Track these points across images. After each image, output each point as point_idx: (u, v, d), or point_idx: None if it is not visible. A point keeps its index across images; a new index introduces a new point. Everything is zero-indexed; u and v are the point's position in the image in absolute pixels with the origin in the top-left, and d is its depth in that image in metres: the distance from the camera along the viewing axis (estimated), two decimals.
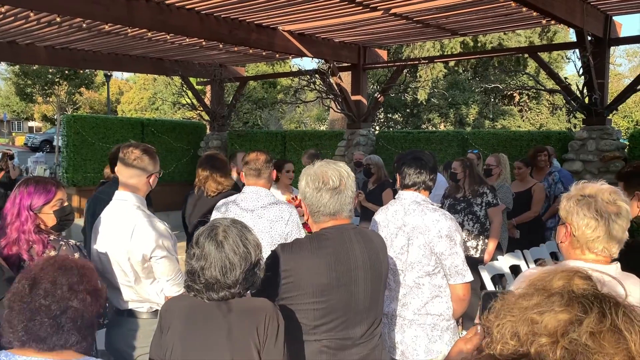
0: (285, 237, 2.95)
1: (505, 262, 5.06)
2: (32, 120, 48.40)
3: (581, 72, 7.26)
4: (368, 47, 9.92)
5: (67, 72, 19.09)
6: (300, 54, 8.94)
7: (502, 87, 19.95)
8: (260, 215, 3.02)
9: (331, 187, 2.13)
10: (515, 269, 5.01)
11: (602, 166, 7.41)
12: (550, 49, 18.38)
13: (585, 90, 7.38)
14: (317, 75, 9.71)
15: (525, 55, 18.14)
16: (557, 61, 23.00)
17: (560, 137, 8.46)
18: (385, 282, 2.35)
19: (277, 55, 10.02)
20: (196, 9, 7.10)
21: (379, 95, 10.22)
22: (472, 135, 9.41)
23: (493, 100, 25.47)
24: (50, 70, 18.96)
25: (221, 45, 8.99)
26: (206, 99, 12.45)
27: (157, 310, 2.66)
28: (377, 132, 10.65)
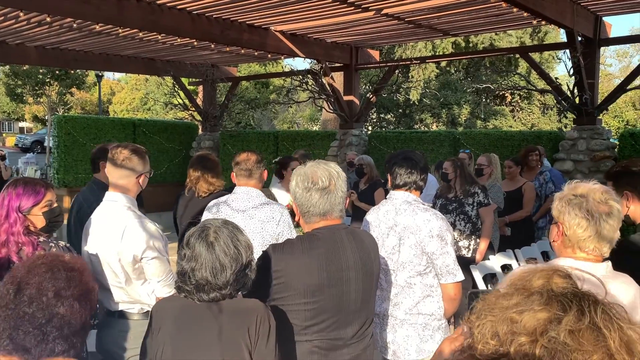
0: (276, 237, 2.94)
1: (496, 261, 5.08)
2: (22, 120, 48.07)
3: (572, 72, 7.30)
4: (360, 47, 9.93)
5: (57, 72, 18.94)
6: (293, 54, 8.94)
7: (494, 87, 20.04)
8: (252, 215, 3.01)
9: (320, 187, 2.13)
10: (507, 268, 5.03)
11: (592, 166, 7.46)
12: (541, 50, 18.48)
13: (575, 91, 7.42)
14: (309, 76, 9.70)
15: (517, 56, 18.23)
16: (548, 61, 23.13)
17: (551, 137, 8.51)
18: (377, 282, 2.35)
19: (269, 56, 10.01)
20: (188, 9, 7.08)
21: (371, 96, 10.23)
22: (464, 135, 9.45)
23: (485, 100, 25.57)
24: (41, 71, 18.81)
25: (213, 46, 8.97)
26: (198, 99, 12.42)
27: (148, 312, 2.65)
28: (369, 132, 10.66)
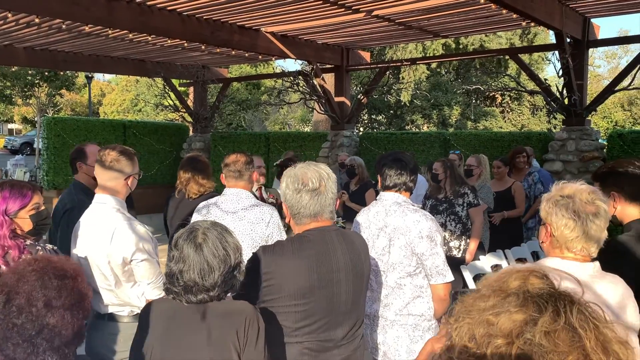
0: (266, 239, 2.94)
1: (487, 261, 5.09)
2: (11, 122, 47.65)
3: (561, 73, 7.34)
4: (351, 48, 9.94)
5: (47, 73, 18.78)
6: (283, 56, 8.93)
7: (484, 89, 20.15)
8: (241, 217, 3.00)
9: (311, 189, 2.13)
10: (497, 269, 5.05)
11: (581, 166, 7.51)
12: (531, 51, 18.62)
13: (564, 92, 7.46)
14: (300, 77, 9.70)
15: (506, 57, 18.34)
16: (537, 63, 23.28)
17: (540, 137, 8.55)
18: (367, 284, 2.35)
19: (260, 57, 10.01)
20: (178, 10, 7.06)
21: (363, 97, 10.24)
22: (454, 136, 9.48)
23: (475, 101, 25.69)
24: (30, 72, 18.65)
25: (203, 47, 8.94)
26: (189, 100, 12.37)
27: (138, 314, 2.63)
28: (360, 133, 10.67)
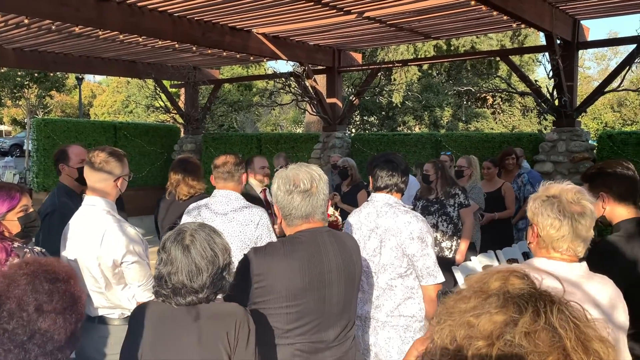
0: (255, 240, 2.94)
1: (478, 262, 5.11)
2: (1, 124, 47.28)
3: (551, 75, 7.40)
4: (343, 50, 9.96)
5: (36, 74, 18.64)
6: (275, 57, 8.93)
7: (475, 90, 20.25)
8: (231, 218, 3.00)
9: (302, 190, 2.13)
10: None
11: (572, 167, 7.57)
12: (521, 52, 18.70)
13: (555, 93, 7.52)
14: (292, 78, 9.70)
15: (497, 59, 18.42)
16: (528, 64, 23.41)
17: (531, 138, 8.61)
18: (359, 285, 2.35)
19: (252, 58, 10.00)
20: (169, 11, 7.04)
21: (354, 98, 10.26)
22: (446, 137, 9.53)
23: (466, 102, 25.80)
24: (20, 73, 18.51)
25: (194, 48, 8.92)
26: (180, 102, 12.34)
27: (128, 317, 2.62)
28: (353, 134, 10.70)
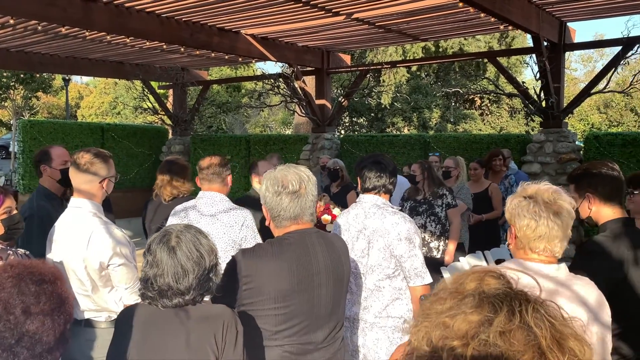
0: (240, 242, 2.94)
1: (466, 263, 5.13)
2: None
3: (538, 76, 7.46)
4: (331, 51, 9.96)
5: (22, 75, 18.45)
6: (264, 58, 8.91)
7: (463, 92, 20.35)
8: (215, 220, 3.00)
9: (291, 191, 2.12)
10: None
11: (559, 168, 7.63)
12: (509, 54, 18.82)
13: (542, 94, 7.58)
14: (281, 80, 9.69)
15: (485, 60, 18.55)
16: (515, 66, 23.59)
17: (519, 139, 8.67)
18: (347, 286, 2.35)
19: (240, 59, 9.97)
20: (156, 12, 6.99)
21: (343, 100, 10.27)
22: (434, 138, 9.58)
23: (455, 104, 25.93)
24: (5, 74, 18.32)
25: (182, 49, 8.87)
26: (168, 103, 12.26)
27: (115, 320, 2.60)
28: (342, 136, 10.70)
